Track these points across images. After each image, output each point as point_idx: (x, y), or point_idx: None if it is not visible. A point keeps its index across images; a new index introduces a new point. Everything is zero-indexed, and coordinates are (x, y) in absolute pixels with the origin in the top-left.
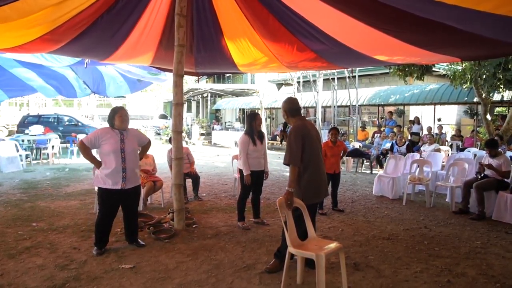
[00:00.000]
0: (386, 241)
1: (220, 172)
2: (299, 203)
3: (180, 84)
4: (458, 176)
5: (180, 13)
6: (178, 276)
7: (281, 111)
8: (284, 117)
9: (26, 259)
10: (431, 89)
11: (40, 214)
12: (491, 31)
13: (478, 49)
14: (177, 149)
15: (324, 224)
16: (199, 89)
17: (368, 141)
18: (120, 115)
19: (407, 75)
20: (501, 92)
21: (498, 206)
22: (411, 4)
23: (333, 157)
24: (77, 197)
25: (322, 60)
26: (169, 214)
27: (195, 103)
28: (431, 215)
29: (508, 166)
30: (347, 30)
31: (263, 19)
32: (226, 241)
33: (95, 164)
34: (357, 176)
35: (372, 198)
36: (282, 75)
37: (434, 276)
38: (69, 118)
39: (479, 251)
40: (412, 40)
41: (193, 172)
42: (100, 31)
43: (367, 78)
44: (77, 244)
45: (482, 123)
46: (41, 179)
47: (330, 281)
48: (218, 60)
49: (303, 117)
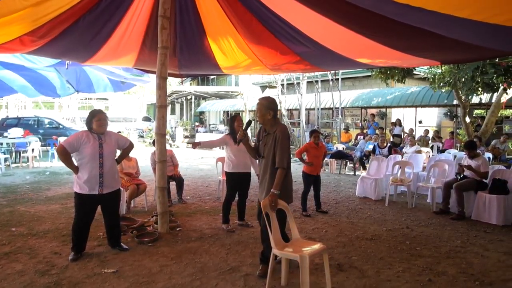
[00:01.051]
0: (369, 242)
1: (205, 175)
2: (283, 205)
3: (163, 86)
4: (439, 177)
5: (164, 15)
6: (162, 279)
7: (263, 109)
8: (267, 116)
9: (5, 265)
10: (412, 92)
11: (19, 218)
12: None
13: (457, 53)
14: (161, 151)
15: (308, 225)
16: (183, 91)
17: (351, 143)
18: (98, 118)
19: (389, 78)
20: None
21: (477, 206)
22: (391, 10)
23: (317, 158)
24: (58, 201)
25: (305, 63)
26: (152, 217)
27: (179, 105)
28: (413, 215)
29: (487, 167)
30: (329, 34)
31: (247, 22)
32: (211, 243)
33: (73, 170)
34: (341, 177)
35: (356, 200)
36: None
37: (415, 275)
38: (49, 121)
39: (459, 250)
40: (393, 44)
41: (177, 175)
42: (81, 32)
43: (350, 80)
44: (58, 249)
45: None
46: (20, 183)
47: (314, 282)
48: (201, 62)
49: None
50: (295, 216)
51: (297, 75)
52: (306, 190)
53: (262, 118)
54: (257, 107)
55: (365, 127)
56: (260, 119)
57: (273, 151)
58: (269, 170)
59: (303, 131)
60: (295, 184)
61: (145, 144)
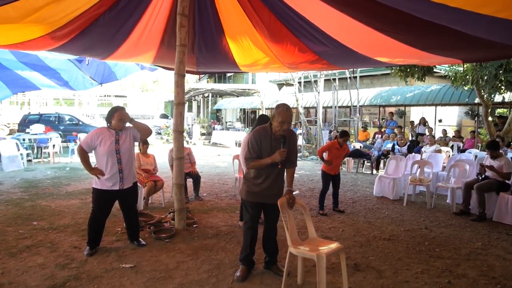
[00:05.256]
0: (387, 242)
1: (221, 172)
2: (301, 203)
3: (181, 83)
4: (459, 177)
5: (182, 12)
6: (179, 275)
7: (289, 117)
8: (289, 125)
9: (26, 258)
10: (432, 90)
11: (40, 213)
12: (493, 34)
13: (480, 51)
14: (178, 148)
15: (325, 224)
16: (200, 89)
17: (369, 142)
18: (118, 114)
19: (408, 76)
20: (502, 93)
21: (498, 207)
22: (413, 7)
23: (337, 158)
24: (77, 196)
25: (323, 61)
26: (169, 214)
27: (196, 103)
28: (432, 216)
29: (509, 168)
30: (348, 32)
31: (265, 20)
32: (227, 240)
33: (90, 172)
34: (358, 176)
35: (373, 199)
36: (283, 75)
37: (434, 277)
38: (70, 117)
39: (480, 252)
40: (414, 42)
41: (194, 172)
42: (102, 29)
43: (368, 78)
44: (78, 243)
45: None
46: (41, 178)
47: (331, 282)
48: (219, 60)
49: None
50: (312, 215)
51: (315, 73)
52: (325, 189)
53: (288, 127)
54: (289, 118)
55: (383, 126)
56: (289, 125)
57: (291, 153)
58: (279, 171)
59: (320, 129)
60: (312, 182)
61: (162, 141)
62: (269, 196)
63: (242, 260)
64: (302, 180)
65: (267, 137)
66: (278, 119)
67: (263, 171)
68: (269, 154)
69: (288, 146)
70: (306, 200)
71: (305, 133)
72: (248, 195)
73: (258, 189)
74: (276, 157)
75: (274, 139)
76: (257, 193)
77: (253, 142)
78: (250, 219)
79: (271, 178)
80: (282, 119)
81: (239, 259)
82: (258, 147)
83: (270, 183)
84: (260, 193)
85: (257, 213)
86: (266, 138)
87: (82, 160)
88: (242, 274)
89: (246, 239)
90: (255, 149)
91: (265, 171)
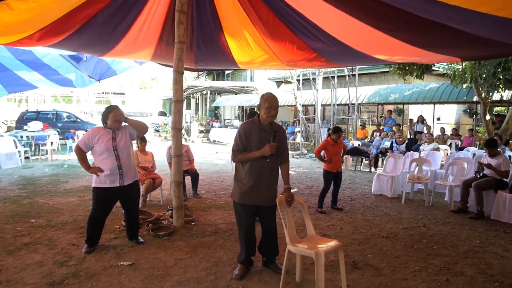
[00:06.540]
0: (385, 240)
1: (219, 170)
2: (300, 201)
3: (180, 81)
4: (457, 175)
5: (181, 9)
6: (177, 273)
7: (275, 102)
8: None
9: (24, 256)
10: (431, 88)
11: (38, 210)
12: (492, 32)
13: (478, 49)
14: (177, 146)
15: (323, 222)
16: (198, 86)
17: (367, 140)
18: (113, 115)
19: (407, 74)
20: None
21: (496, 205)
22: (412, 4)
23: (336, 155)
24: (75, 194)
25: (321, 59)
26: (168, 211)
27: (194, 101)
28: (430, 214)
29: (507, 166)
30: (347, 29)
31: (264, 17)
32: (225, 238)
33: (88, 170)
34: (356, 174)
35: (371, 197)
36: (281, 73)
37: (432, 274)
38: (68, 115)
39: (478, 250)
40: (412, 40)
41: (193, 170)
42: (100, 26)
43: (367, 76)
44: (76, 240)
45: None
46: (39, 175)
47: (329, 279)
48: (218, 57)
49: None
50: (310, 212)
51: (313, 71)
52: (326, 187)
53: (276, 115)
54: (275, 103)
55: (382, 123)
56: (275, 117)
57: (281, 148)
58: (274, 168)
59: (319, 127)
60: (310, 180)
61: (160, 138)
62: (263, 198)
63: (240, 261)
64: (300, 178)
65: (256, 128)
66: (265, 105)
67: (255, 170)
68: (259, 145)
69: (279, 140)
70: (305, 197)
71: (303, 131)
72: (241, 196)
73: (251, 189)
74: (266, 150)
75: (263, 130)
76: (250, 193)
77: (241, 134)
78: (245, 231)
79: (264, 178)
80: (269, 104)
81: (237, 260)
82: (246, 139)
83: (262, 183)
84: (253, 193)
85: (252, 219)
86: (255, 130)
87: (79, 159)
88: (240, 272)
89: (243, 246)
90: (243, 141)
91: (256, 170)
